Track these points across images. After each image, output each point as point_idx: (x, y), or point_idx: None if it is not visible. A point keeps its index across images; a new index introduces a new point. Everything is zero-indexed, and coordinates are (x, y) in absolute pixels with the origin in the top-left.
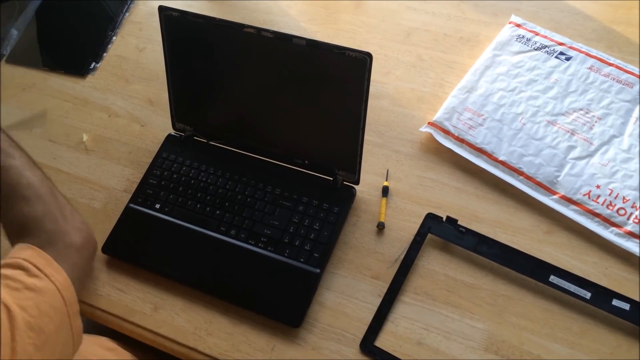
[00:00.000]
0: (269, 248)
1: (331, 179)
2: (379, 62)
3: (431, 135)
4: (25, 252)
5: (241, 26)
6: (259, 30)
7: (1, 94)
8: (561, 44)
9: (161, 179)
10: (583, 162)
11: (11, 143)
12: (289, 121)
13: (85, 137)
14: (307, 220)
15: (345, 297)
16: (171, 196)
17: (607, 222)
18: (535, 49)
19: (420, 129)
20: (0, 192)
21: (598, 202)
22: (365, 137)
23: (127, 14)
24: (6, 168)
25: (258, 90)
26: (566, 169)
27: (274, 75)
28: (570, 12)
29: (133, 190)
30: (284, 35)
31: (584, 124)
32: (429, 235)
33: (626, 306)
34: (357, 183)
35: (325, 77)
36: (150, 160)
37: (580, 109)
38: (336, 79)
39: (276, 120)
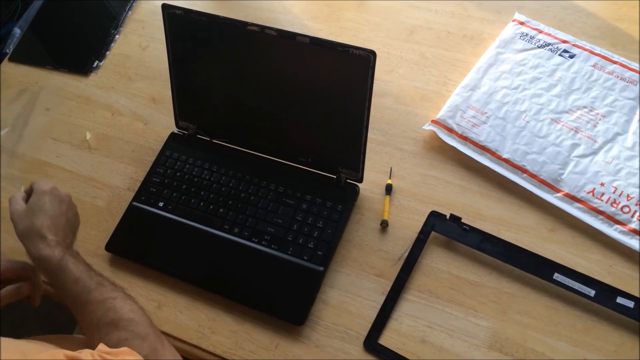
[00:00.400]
0: (273, 246)
1: (334, 177)
2: (382, 60)
3: (434, 133)
4: (129, 357)
5: (244, 24)
6: (263, 28)
7: (3, 92)
8: (565, 41)
9: (164, 177)
10: (587, 159)
11: (110, 280)
12: (292, 119)
13: (88, 136)
14: (310, 218)
15: (349, 295)
16: (174, 194)
17: (611, 219)
18: (539, 47)
19: (424, 127)
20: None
21: (602, 200)
22: (369, 135)
23: (130, 12)
24: (113, 298)
25: (261, 88)
26: (570, 167)
27: (277, 73)
28: (573, 9)
29: (136, 188)
30: (288, 33)
31: (588, 122)
32: (433, 233)
33: (630, 304)
34: (361, 181)
35: (328, 74)
36: (153, 158)
37: (584, 107)
38: (340, 77)
39: (279, 118)
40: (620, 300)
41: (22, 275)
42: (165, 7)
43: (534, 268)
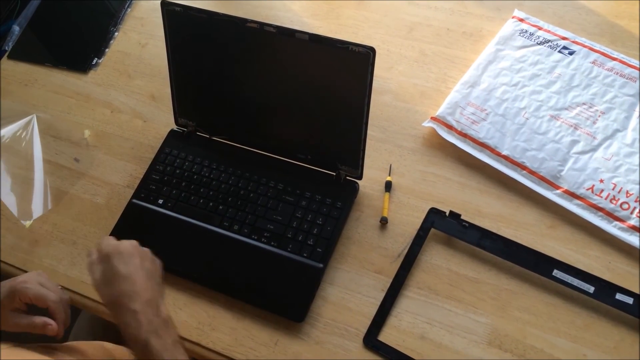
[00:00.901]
0: (272, 243)
1: (334, 174)
2: (381, 57)
3: (434, 130)
4: None
5: (244, 21)
6: (262, 25)
7: (3, 89)
8: (564, 38)
9: (164, 174)
10: (586, 156)
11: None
12: (291, 116)
13: (87, 133)
14: (310, 215)
15: (349, 291)
16: (174, 191)
17: (611, 216)
18: (539, 44)
19: (423, 124)
20: None
21: (601, 197)
22: (368, 132)
23: (129, 9)
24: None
25: (260, 85)
26: (569, 164)
27: (277, 70)
28: (573, 6)
29: (136, 185)
30: (287, 30)
31: (587, 118)
32: (432, 229)
33: (630, 300)
34: (360, 178)
35: (328, 71)
36: (152, 155)
37: (584, 103)
38: (339, 74)
39: (279, 115)
40: (619, 296)
41: (52, 310)
42: (164, 4)
43: (534, 265)
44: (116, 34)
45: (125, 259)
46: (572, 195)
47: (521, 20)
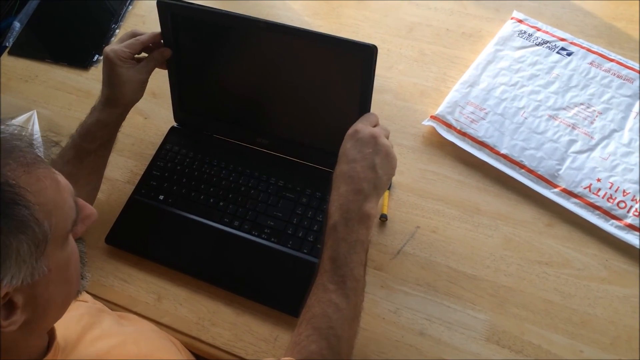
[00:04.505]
0: (272, 239)
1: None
2: (382, 57)
3: (434, 128)
4: None
5: (245, 18)
6: (263, 22)
7: (4, 85)
8: (562, 39)
9: (164, 170)
10: (584, 155)
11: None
12: (292, 113)
13: None
14: (310, 212)
15: None
16: (174, 188)
17: (608, 214)
18: (537, 45)
19: (423, 123)
20: None
21: (598, 195)
22: None
23: (130, 7)
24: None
25: (261, 82)
26: (567, 163)
27: (277, 67)
28: (571, 8)
29: (136, 182)
30: (288, 28)
31: (585, 119)
32: None
33: None
34: None
35: (329, 69)
36: (153, 152)
37: (581, 104)
38: (340, 72)
39: (279, 112)
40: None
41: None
42: (160, 4)
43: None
44: (117, 31)
45: (358, 144)
46: (569, 193)
47: (520, 21)
